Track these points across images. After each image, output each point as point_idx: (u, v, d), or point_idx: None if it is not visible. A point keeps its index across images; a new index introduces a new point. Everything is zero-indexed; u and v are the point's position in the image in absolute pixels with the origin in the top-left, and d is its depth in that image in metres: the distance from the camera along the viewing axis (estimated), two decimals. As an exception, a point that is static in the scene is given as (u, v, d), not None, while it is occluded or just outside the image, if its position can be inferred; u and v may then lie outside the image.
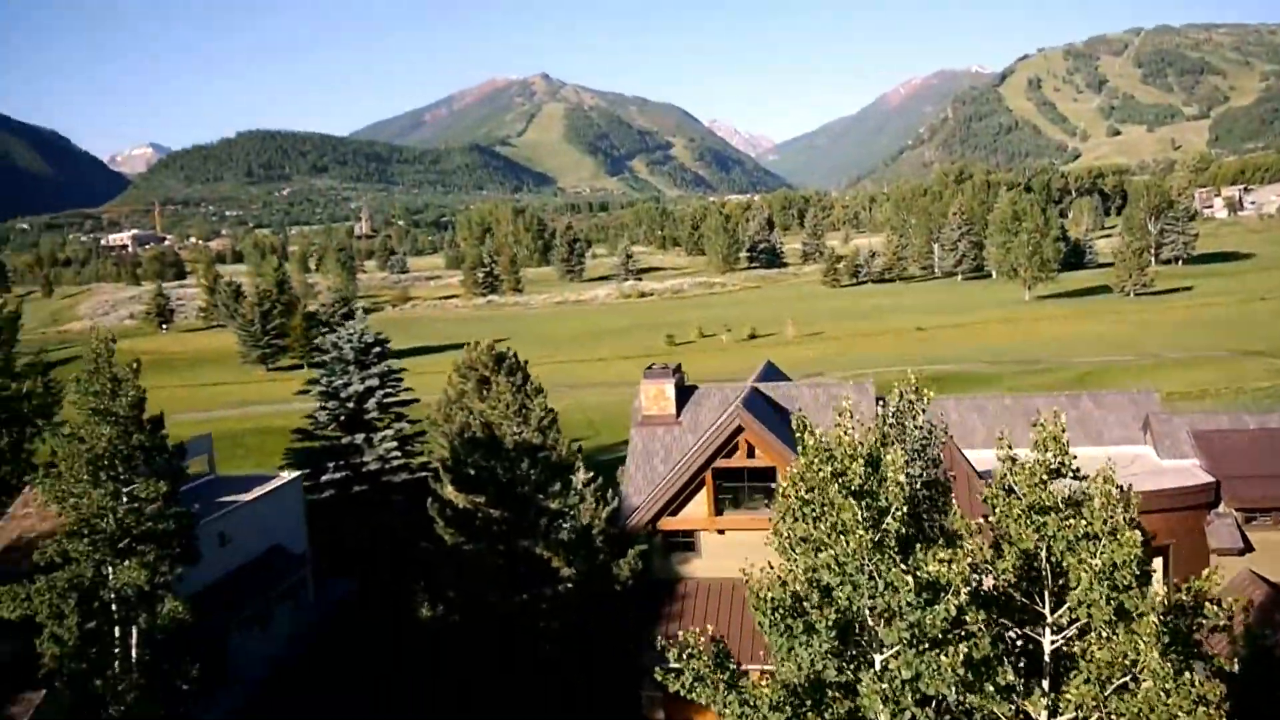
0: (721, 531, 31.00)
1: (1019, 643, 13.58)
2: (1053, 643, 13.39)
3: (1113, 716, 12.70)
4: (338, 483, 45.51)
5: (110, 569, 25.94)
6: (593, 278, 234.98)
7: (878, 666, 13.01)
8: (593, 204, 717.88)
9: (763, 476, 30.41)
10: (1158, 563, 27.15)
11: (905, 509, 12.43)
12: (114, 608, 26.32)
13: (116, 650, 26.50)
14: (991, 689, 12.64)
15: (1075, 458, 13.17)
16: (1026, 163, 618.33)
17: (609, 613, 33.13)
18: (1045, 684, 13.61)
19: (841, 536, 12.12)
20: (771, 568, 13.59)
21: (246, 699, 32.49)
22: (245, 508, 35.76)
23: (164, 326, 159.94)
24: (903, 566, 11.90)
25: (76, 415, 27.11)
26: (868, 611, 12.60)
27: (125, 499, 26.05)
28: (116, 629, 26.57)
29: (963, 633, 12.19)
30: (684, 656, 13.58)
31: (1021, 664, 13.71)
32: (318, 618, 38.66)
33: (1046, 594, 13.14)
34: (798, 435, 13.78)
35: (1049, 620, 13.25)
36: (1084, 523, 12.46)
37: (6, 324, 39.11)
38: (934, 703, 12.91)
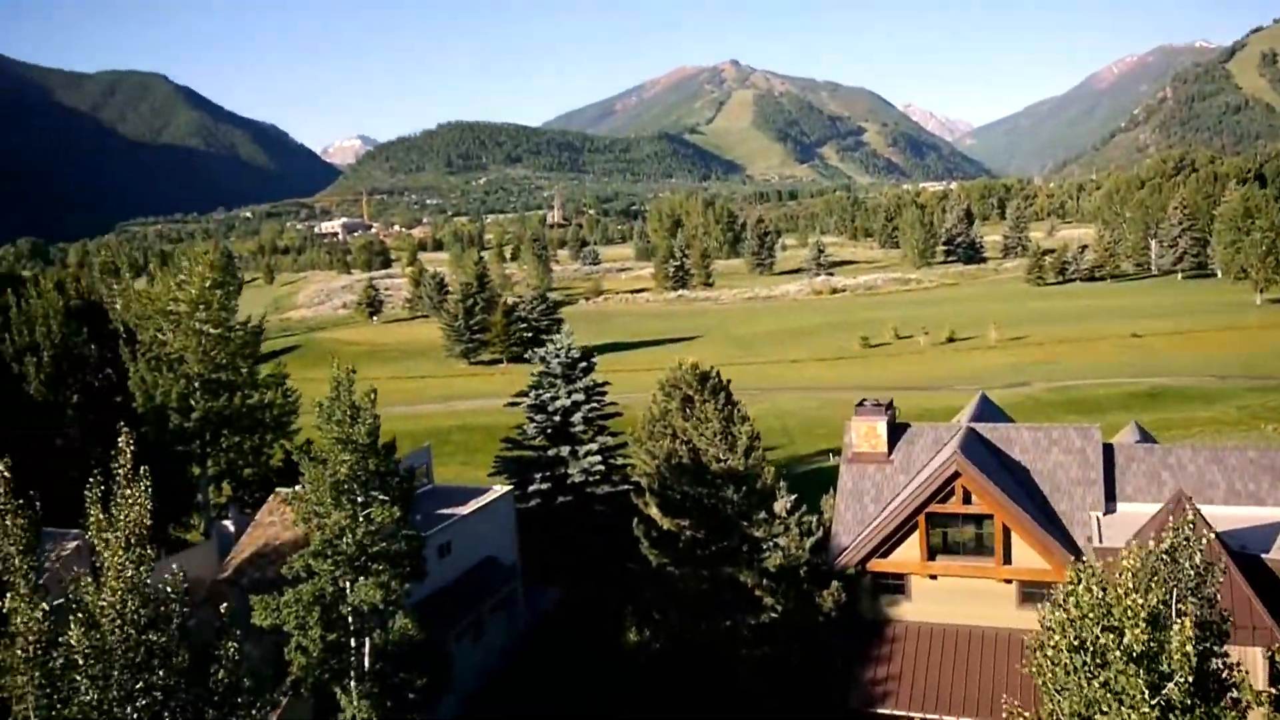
0: (934, 577, 30.19)
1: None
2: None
3: None
4: (543, 493, 47.01)
5: (349, 585, 27.73)
6: (783, 271, 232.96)
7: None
8: (781, 192, 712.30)
9: (978, 523, 29.42)
10: None
11: (1191, 678, 11.67)
12: (351, 621, 28.12)
13: (353, 660, 28.39)
14: None
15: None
16: (1257, 145, 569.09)
17: (811, 646, 32.93)
18: None
19: (1119, 701, 11.50)
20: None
21: (459, 709, 34.10)
22: (462, 521, 37.44)
23: (373, 317, 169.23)
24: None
25: (320, 438, 28.90)
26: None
27: (363, 521, 27.71)
28: (353, 641, 28.43)
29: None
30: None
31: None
32: (526, 629, 40.09)
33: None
34: (1070, 585, 13.04)
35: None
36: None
37: (251, 338, 42.24)
38: None
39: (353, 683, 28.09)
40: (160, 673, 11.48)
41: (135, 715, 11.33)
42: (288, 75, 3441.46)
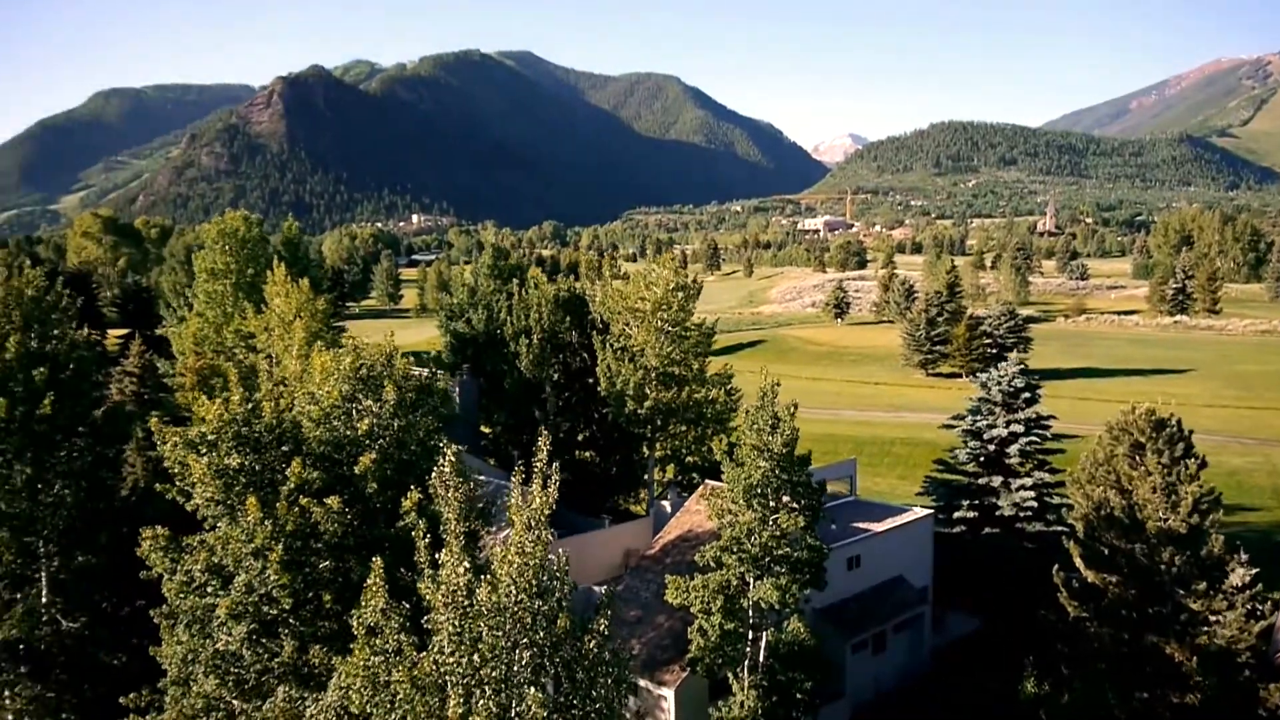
0: None
1: None
2: None
3: None
4: (969, 521, 46.07)
5: (751, 582, 29.82)
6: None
7: None
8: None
9: None
10: None
11: None
12: (750, 616, 30.20)
13: (747, 652, 30.49)
14: None
15: None
16: None
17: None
18: None
19: None
20: None
21: (849, 717, 34.99)
22: (876, 538, 38.12)
23: (839, 319, 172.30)
24: None
25: (744, 439, 31.12)
26: None
27: (770, 525, 29.60)
28: (750, 634, 30.52)
29: None
30: None
31: None
32: (931, 652, 39.83)
33: None
34: None
35: None
36: None
37: (703, 338, 45.97)
38: None
39: (745, 673, 30.22)
40: (541, 634, 13.99)
41: (520, 662, 13.96)
42: (787, 75, 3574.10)
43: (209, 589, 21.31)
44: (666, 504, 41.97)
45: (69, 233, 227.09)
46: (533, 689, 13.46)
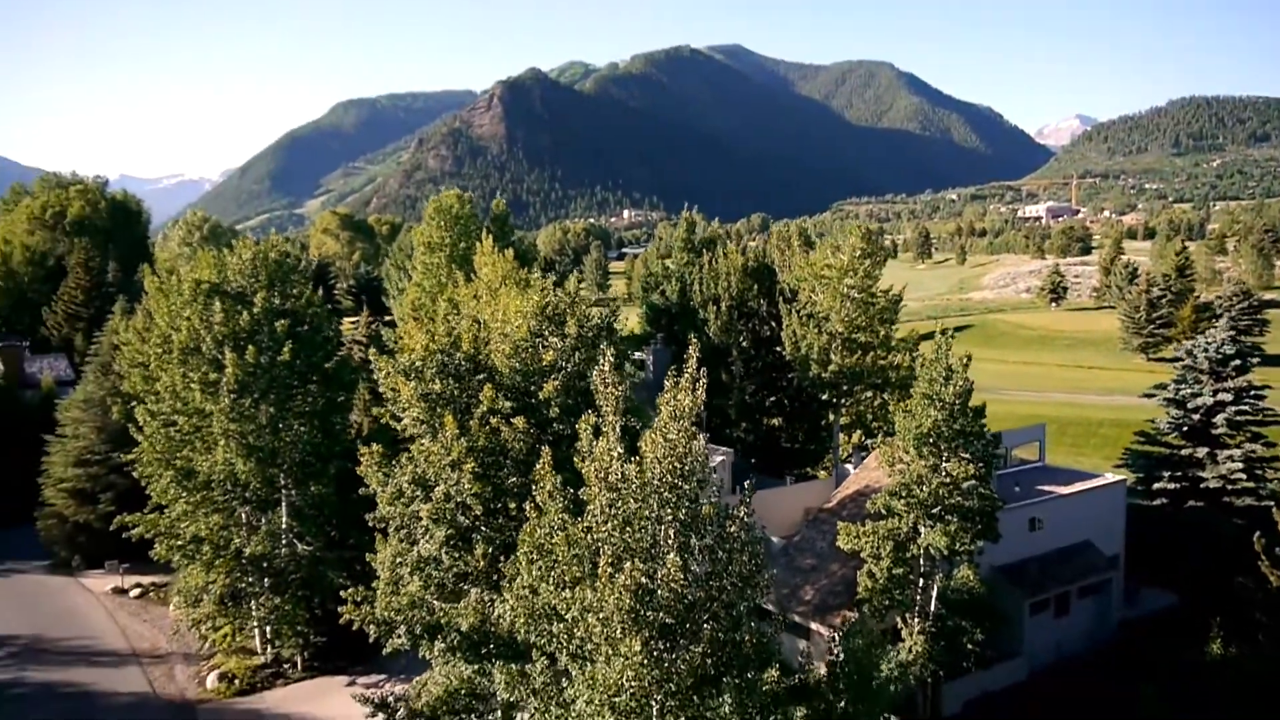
0: None
1: None
2: None
3: None
4: (1170, 493, 44.30)
5: (921, 530, 30.42)
6: None
7: None
8: None
9: None
10: None
11: None
12: (922, 564, 30.80)
13: (917, 599, 31.09)
14: None
15: None
16: None
17: None
18: None
19: None
20: None
21: (1029, 676, 34.81)
22: (1060, 500, 37.60)
23: (1055, 304, 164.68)
24: None
25: (917, 388, 31.72)
26: None
27: (941, 474, 30.11)
28: (921, 581, 31.10)
29: None
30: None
31: None
32: (1121, 623, 38.81)
33: None
34: None
35: None
36: None
37: (890, 305, 46.23)
38: None
39: (914, 619, 30.84)
40: (683, 512, 15.73)
41: (664, 534, 15.77)
42: (1007, 57, 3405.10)
43: (414, 498, 24.26)
44: (849, 466, 42.71)
45: (311, 230, 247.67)
46: (672, 555, 15.20)
